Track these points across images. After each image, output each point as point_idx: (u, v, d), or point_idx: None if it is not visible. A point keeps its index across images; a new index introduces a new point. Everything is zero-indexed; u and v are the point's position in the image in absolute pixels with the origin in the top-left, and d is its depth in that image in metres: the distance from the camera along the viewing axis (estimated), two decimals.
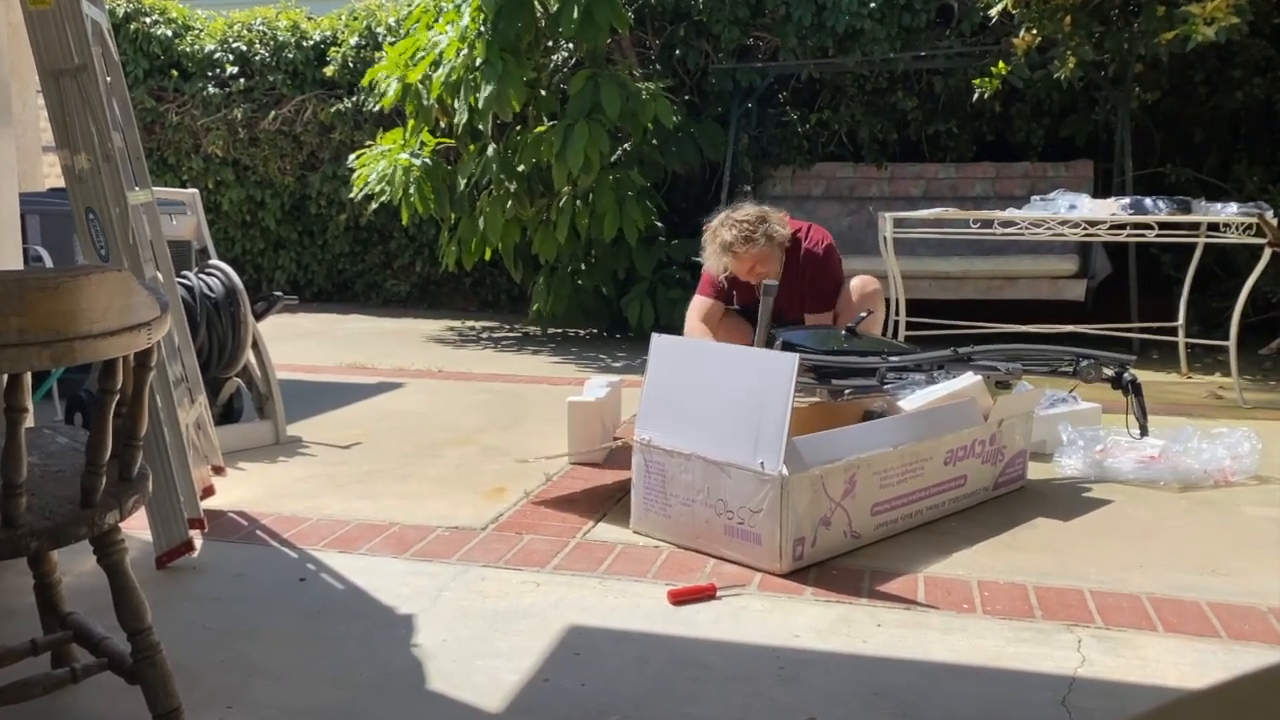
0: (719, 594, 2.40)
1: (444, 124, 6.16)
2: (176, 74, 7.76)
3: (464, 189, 6.04)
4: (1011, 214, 4.74)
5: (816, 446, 2.60)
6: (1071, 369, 3.42)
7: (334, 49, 7.46)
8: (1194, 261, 5.09)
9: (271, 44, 7.64)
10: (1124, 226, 4.77)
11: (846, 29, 6.10)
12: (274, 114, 7.53)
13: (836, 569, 2.55)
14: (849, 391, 3.28)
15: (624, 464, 3.00)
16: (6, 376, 1.53)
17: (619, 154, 6.07)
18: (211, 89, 7.65)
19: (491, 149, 5.85)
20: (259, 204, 7.79)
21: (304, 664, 2.08)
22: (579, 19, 5.48)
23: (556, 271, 6.26)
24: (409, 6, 6.55)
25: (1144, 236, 4.83)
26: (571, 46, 6.30)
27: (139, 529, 2.61)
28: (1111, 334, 5.12)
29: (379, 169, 5.96)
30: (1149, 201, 4.65)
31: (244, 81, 7.62)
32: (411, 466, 3.48)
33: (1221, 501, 3.12)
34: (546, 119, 5.94)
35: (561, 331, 6.55)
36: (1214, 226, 4.69)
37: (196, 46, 7.75)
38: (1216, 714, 0.53)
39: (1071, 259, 5.71)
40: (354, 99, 7.36)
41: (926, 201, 5.88)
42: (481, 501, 3.10)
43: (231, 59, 7.67)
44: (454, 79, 5.67)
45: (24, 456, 1.53)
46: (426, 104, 5.96)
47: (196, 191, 4.37)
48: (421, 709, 1.92)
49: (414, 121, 6.15)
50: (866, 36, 6.09)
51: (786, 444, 2.46)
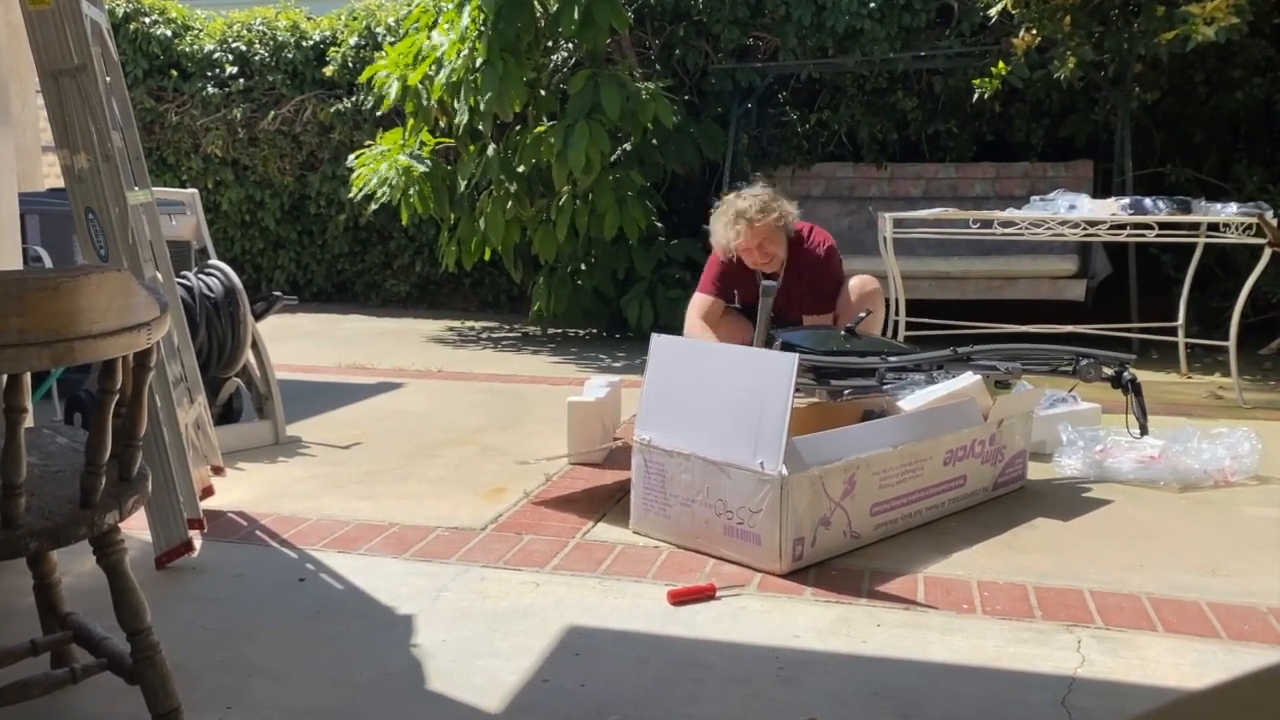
0: (719, 594, 2.40)
1: (444, 124, 6.16)
2: (176, 74, 7.76)
3: (464, 189, 6.04)
4: (1011, 214, 4.74)
5: (816, 447, 2.60)
6: (1071, 369, 3.42)
7: (333, 49, 7.46)
8: (1194, 261, 5.09)
9: (271, 44, 7.64)
10: (1124, 226, 4.77)
11: (846, 29, 6.10)
12: (273, 114, 7.53)
13: (836, 569, 2.55)
14: (848, 392, 3.29)
15: (624, 464, 3.00)
16: (6, 377, 1.53)
17: (619, 154, 6.07)
18: (211, 89, 7.65)
19: (491, 149, 5.85)
20: (258, 204, 7.78)
21: (304, 664, 2.08)
22: (579, 19, 5.48)
23: (556, 272, 6.26)
24: (409, 6, 6.54)
25: (1144, 236, 4.83)
26: (571, 46, 6.30)
27: (138, 529, 2.61)
28: (1111, 334, 5.11)
29: (379, 172, 5.96)
30: (1149, 201, 4.66)
31: (243, 81, 7.62)
32: (411, 467, 3.48)
33: (1221, 501, 3.12)
34: (546, 119, 5.94)
35: (561, 331, 6.55)
36: (1214, 226, 4.69)
37: (196, 46, 7.75)
38: (1216, 714, 0.53)
39: (1071, 259, 5.71)
40: (353, 99, 7.36)
41: (926, 201, 5.88)
42: (481, 502, 3.10)
43: (231, 59, 7.67)
44: (455, 80, 5.68)
45: (23, 457, 1.52)
46: (426, 104, 5.96)
47: (196, 191, 4.37)
48: (421, 709, 1.92)
49: (414, 121, 6.15)
50: (866, 36, 6.09)
51: (786, 444, 2.46)
